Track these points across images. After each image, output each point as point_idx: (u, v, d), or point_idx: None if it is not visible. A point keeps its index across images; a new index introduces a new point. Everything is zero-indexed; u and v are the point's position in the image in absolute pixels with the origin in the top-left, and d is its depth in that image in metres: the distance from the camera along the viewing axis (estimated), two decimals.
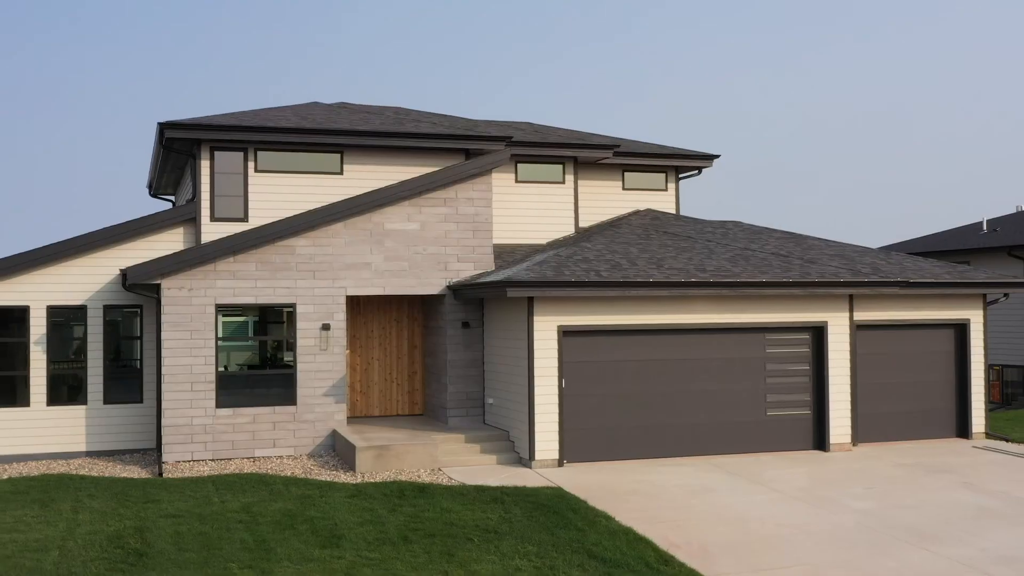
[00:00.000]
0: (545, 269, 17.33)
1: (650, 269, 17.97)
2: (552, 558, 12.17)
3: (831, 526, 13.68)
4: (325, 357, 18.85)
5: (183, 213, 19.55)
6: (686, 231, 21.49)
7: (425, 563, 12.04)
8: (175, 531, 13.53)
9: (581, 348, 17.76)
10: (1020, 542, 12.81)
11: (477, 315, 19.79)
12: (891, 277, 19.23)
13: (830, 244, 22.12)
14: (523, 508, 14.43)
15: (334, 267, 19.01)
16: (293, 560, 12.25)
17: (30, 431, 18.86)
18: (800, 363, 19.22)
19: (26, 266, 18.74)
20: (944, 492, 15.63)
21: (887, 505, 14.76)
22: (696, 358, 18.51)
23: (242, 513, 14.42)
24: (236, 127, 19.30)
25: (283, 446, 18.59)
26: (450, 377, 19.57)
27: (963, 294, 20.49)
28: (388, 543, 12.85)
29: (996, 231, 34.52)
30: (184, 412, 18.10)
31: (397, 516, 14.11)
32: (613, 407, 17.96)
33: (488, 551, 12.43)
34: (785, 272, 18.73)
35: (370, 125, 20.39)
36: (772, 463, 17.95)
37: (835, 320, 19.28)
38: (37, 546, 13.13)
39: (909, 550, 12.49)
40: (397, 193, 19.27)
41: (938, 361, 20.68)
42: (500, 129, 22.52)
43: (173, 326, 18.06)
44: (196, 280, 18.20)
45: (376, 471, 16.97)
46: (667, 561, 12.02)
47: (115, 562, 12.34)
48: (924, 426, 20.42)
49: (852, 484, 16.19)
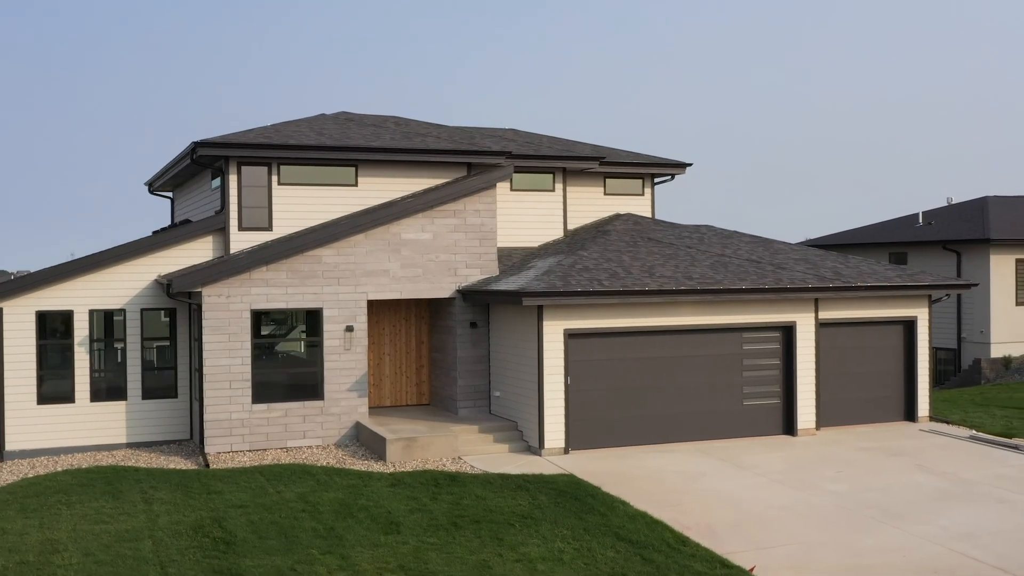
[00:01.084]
0: (553, 279, 19.17)
1: (644, 277, 19.92)
2: (586, 540, 14.11)
3: (813, 507, 15.82)
4: (349, 356, 20.51)
5: (212, 224, 20.96)
6: (667, 237, 23.45)
7: (479, 547, 13.89)
8: (248, 520, 15.19)
9: (583, 348, 19.67)
10: (973, 520, 15.07)
11: (483, 316, 21.57)
12: (851, 282, 21.43)
13: (794, 248, 24.27)
14: (547, 495, 16.34)
15: (356, 274, 20.62)
16: (363, 545, 14.01)
17: (76, 425, 20.24)
18: (772, 358, 21.36)
19: (71, 273, 20.04)
20: (903, 475, 17.89)
21: (857, 488, 16.96)
22: (683, 356, 20.54)
23: (300, 503, 16.11)
24: (261, 145, 20.74)
25: (312, 437, 20.25)
26: (460, 372, 21.36)
27: (911, 295, 22.79)
28: (441, 529, 14.67)
29: (931, 224, 37.15)
30: (223, 408, 19.65)
31: (440, 504, 15.92)
32: (611, 400, 19.93)
33: (531, 535, 14.33)
34: (760, 278, 20.81)
35: (382, 141, 21.96)
36: (750, 448, 20.09)
37: (802, 320, 21.44)
38: (129, 536, 14.70)
39: (882, 529, 14.68)
40: (412, 207, 20.91)
41: (889, 353, 22.98)
42: (495, 141, 24.22)
43: (213, 330, 19.56)
44: (233, 288, 19.69)
45: (405, 461, 18.74)
46: (684, 542, 14.03)
47: (207, 550, 13.99)
48: (877, 411, 22.74)
49: (824, 468, 18.39)
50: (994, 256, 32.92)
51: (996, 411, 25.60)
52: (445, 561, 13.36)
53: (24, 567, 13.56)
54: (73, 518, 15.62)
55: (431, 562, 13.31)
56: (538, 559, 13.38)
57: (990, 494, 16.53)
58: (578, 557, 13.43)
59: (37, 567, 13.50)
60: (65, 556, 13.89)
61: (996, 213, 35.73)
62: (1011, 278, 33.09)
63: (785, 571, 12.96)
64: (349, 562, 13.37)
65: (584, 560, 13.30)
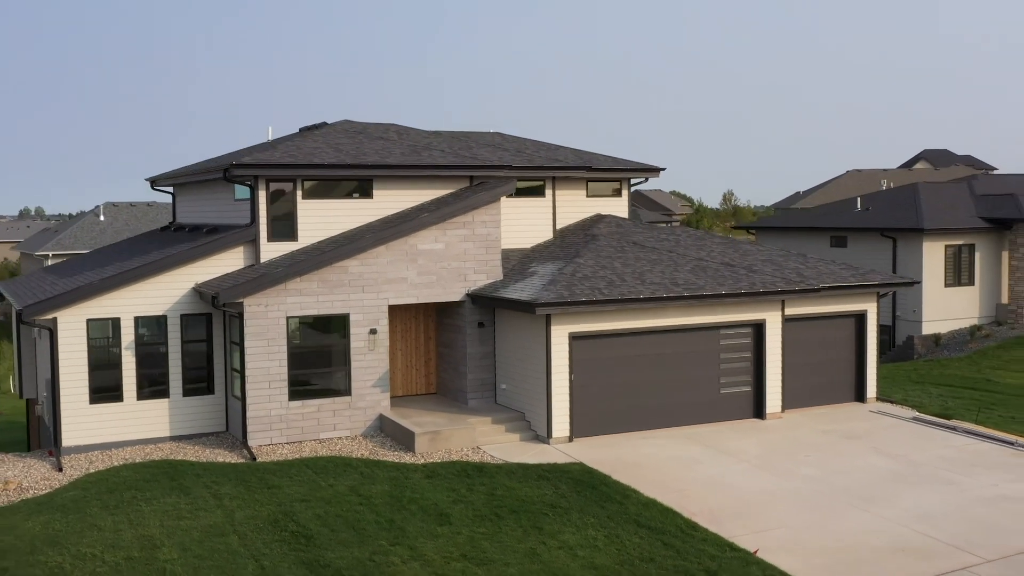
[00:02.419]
0: (560, 289, 21.30)
1: (637, 285, 22.15)
2: (612, 527, 16.42)
3: (793, 491, 18.34)
4: (373, 356, 22.45)
5: (244, 236, 22.61)
6: (648, 240, 25.67)
7: (523, 535, 16.11)
8: (315, 514, 17.17)
9: (584, 348, 21.88)
10: (926, 502, 17.71)
11: (489, 316, 23.63)
12: (814, 284, 23.93)
13: (760, 249, 26.71)
14: (567, 484, 18.60)
15: (378, 282, 22.50)
16: (424, 536, 16.14)
17: (124, 421, 21.90)
18: (745, 351, 23.83)
19: (118, 284, 21.56)
20: (862, 457, 20.52)
21: (826, 472, 19.54)
22: (670, 352, 22.88)
23: (354, 495, 18.13)
24: (287, 164, 22.41)
25: (341, 429, 22.22)
26: (469, 367, 23.45)
27: (862, 292, 25.41)
28: (487, 519, 16.85)
29: (868, 210, 40.01)
30: (264, 405, 21.51)
31: (476, 495, 18.08)
32: (608, 393, 22.21)
33: (565, 524, 16.59)
34: (736, 282, 23.19)
35: (394, 158, 23.75)
36: (728, 432, 22.57)
37: (771, 317, 23.91)
38: (214, 531, 16.61)
39: (854, 512, 17.25)
40: (427, 220, 22.79)
41: (843, 343, 25.63)
42: (491, 152, 26.16)
43: (253, 336, 21.34)
44: (271, 298, 21.45)
45: (431, 452, 20.83)
46: (694, 527, 16.42)
47: (291, 543, 15.98)
48: (833, 393, 25.41)
49: (795, 452, 20.94)
50: (926, 243, 35.87)
51: (931, 389, 28.55)
52: (499, 550, 15.56)
53: (133, 562, 15.43)
54: (155, 514, 17.45)
55: (487, 551, 15.51)
56: (576, 546, 15.67)
57: (937, 476, 19.23)
58: (610, 543, 15.74)
59: (145, 562, 15.38)
60: (165, 551, 15.77)
61: (927, 199, 38.67)
62: (940, 263, 36.12)
63: (781, 553, 15.42)
64: (417, 552, 15.49)
65: (616, 546, 15.62)
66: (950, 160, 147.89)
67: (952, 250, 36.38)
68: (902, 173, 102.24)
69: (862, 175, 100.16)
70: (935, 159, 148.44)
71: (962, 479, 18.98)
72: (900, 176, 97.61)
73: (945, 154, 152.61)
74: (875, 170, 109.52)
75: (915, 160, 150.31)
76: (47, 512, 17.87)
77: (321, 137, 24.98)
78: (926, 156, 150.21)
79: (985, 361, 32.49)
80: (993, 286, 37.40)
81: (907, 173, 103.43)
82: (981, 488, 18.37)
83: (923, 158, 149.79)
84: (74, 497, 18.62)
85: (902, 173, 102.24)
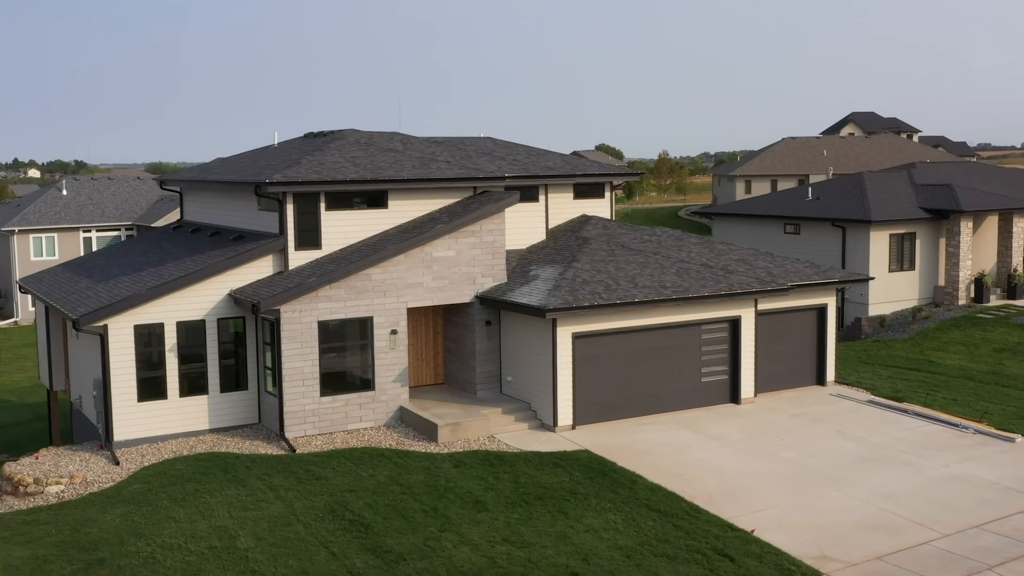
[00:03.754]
0: (565, 295, 23.44)
1: (631, 288, 24.38)
2: (627, 511, 18.73)
3: (775, 474, 20.81)
4: (393, 354, 24.44)
5: (273, 246, 24.34)
6: (633, 242, 27.87)
7: (552, 520, 18.34)
8: (365, 504, 19.19)
9: (584, 345, 24.10)
10: (890, 482, 20.29)
11: (495, 315, 25.72)
12: (783, 283, 26.39)
13: (731, 248, 29.10)
14: (580, 471, 20.85)
15: (398, 287, 24.43)
16: (467, 523, 18.28)
17: (168, 416, 23.64)
18: (723, 344, 26.25)
19: (162, 292, 23.19)
20: (830, 441, 23.07)
21: (801, 455, 22.06)
22: (658, 346, 25.20)
23: (395, 485, 20.17)
24: (313, 181, 24.16)
25: (366, 420, 24.22)
26: (478, 361, 25.55)
27: (824, 288, 27.95)
28: (518, 505, 19.04)
29: (818, 199, 42.69)
30: (298, 401, 23.41)
31: (503, 483, 20.25)
32: (605, 384, 24.49)
33: (586, 508, 18.85)
34: (715, 284, 25.54)
35: (407, 172, 25.59)
36: (710, 417, 25.00)
37: (745, 313, 26.34)
38: (280, 521, 18.57)
39: (829, 492, 19.77)
40: (441, 230, 24.71)
41: (807, 333, 28.20)
42: (489, 161, 28.10)
43: (289, 339, 23.18)
44: (304, 304, 23.28)
45: (452, 441, 22.94)
46: (697, 510, 18.80)
47: (351, 531, 18.01)
48: (797, 378, 28.00)
49: (772, 436, 23.42)
50: (873, 233, 38.65)
51: (881, 371, 31.32)
52: (534, 534, 17.79)
53: (216, 551, 17.37)
54: (221, 506, 19.34)
55: (525, 535, 17.73)
56: (600, 529, 17.96)
57: (897, 457, 21.86)
58: (628, 526, 18.06)
59: (228, 551, 17.32)
60: (242, 541, 17.71)
61: (872, 190, 41.43)
62: (885, 250, 38.96)
63: (773, 531, 17.87)
64: (464, 538, 17.65)
65: (634, 529, 17.94)
66: (877, 123, 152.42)
67: (896, 238, 39.24)
68: (836, 140, 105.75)
69: (796, 142, 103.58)
70: (863, 122, 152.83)
71: (917, 460, 21.63)
72: (835, 144, 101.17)
73: (872, 116, 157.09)
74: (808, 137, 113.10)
75: (843, 123, 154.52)
76: (119, 505, 19.68)
77: (337, 151, 26.66)
78: (854, 119, 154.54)
79: (926, 343, 35.43)
80: (931, 270, 40.39)
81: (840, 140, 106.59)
82: (935, 469, 21.04)
83: (851, 120, 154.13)
84: (140, 490, 20.42)
85: (836, 140, 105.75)
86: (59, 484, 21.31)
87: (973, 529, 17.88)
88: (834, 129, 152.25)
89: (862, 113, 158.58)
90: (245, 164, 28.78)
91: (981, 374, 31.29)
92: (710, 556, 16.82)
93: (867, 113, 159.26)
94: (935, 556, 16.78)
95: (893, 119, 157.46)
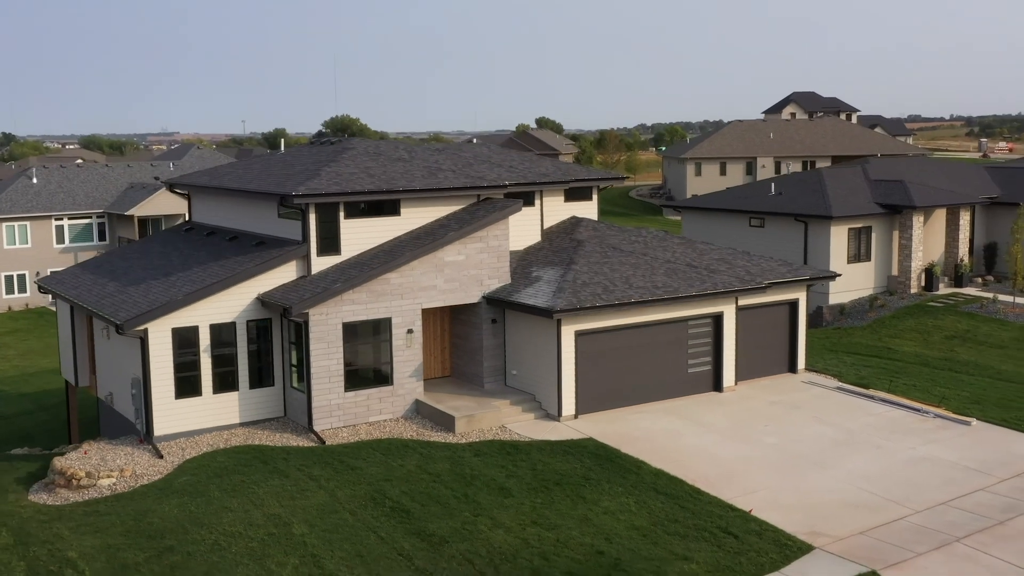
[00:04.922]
0: (569, 297, 25.33)
1: (627, 289, 26.35)
2: (638, 495, 20.73)
3: (763, 457, 22.95)
4: (410, 352, 26.18)
5: (297, 252, 25.88)
6: (623, 244, 29.81)
7: (572, 504, 20.28)
8: (402, 491, 20.95)
9: (585, 342, 26.03)
10: (865, 465, 22.51)
11: (501, 314, 27.55)
12: (761, 282, 28.54)
13: (712, 248, 31.20)
14: (590, 459, 22.78)
15: (414, 290, 26.13)
16: (497, 508, 20.14)
17: (203, 412, 25.15)
18: (707, 338, 28.36)
19: (198, 298, 24.64)
20: (809, 427, 25.27)
21: (784, 440, 24.23)
22: (650, 341, 27.23)
23: (424, 473, 21.94)
24: (333, 193, 25.72)
25: (385, 413, 25.96)
26: (485, 356, 27.38)
27: (796, 285, 30.17)
28: (539, 491, 20.93)
29: (781, 194, 45.00)
30: (325, 396, 25.08)
31: (522, 470, 22.12)
32: (603, 377, 26.48)
33: (601, 493, 20.81)
34: (701, 283, 27.61)
35: (418, 182, 27.22)
36: (697, 405, 27.09)
37: (728, 309, 28.46)
38: (327, 509, 20.26)
39: (813, 474, 21.96)
40: (452, 237, 26.43)
41: (780, 325, 30.42)
42: (488, 168, 29.83)
43: (317, 340, 24.80)
44: (330, 307, 24.89)
45: (468, 432, 24.77)
46: (699, 492, 20.85)
47: (394, 517, 19.78)
48: (772, 366, 30.23)
49: (756, 422, 25.55)
50: (833, 227, 41.03)
51: (845, 357, 33.69)
52: (558, 516, 19.72)
53: (275, 538, 19.06)
54: (269, 496, 20.96)
55: (550, 517, 19.65)
56: (616, 511, 19.94)
57: (868, 441, 24.12)
58: (641, 508, 20.07)
59: (287, 538, 19.02)
60: (297, 528, 19.41)
61: (831, 185, 43.78)
62: (844, 243, 41.38)
63: (769, 511, 19.99)
64: (497, 521, 19.53)
65: (646, 510, 19.96)
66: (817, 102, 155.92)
67: (854, 232, 41.68)
68: (780, 124, 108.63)
69: (743, 125, 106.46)
70: (803, 101, 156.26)
71: (886, 444, 23.92)
72: (780, 127, 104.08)
73: (812, 96, 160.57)
74: (756, 120, 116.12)
75: (785, 103, 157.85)
76: (173, 496, 21.22)
77: (351, 161, 28.17)
78: (795, 99, 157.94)
79: (883, 330, 37.94)
80: (886, 261, 42.94)
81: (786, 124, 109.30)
82: (903, 451, 23.34)
83: (792, 100, 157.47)
84: (190, 482, 21.97)
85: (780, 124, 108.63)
86: (110, 477, 22.75)
87: (941, 506, 20.16)
88: (776, 108, 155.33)
89: (803, 93, 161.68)
90: (258, 171, 30.17)
91: (935, 360, 33.81)
92: (716, 534, 18.90)
93: (808, 93, 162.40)
94: (911, 530, 19.02)
95: (833, 99, 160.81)
